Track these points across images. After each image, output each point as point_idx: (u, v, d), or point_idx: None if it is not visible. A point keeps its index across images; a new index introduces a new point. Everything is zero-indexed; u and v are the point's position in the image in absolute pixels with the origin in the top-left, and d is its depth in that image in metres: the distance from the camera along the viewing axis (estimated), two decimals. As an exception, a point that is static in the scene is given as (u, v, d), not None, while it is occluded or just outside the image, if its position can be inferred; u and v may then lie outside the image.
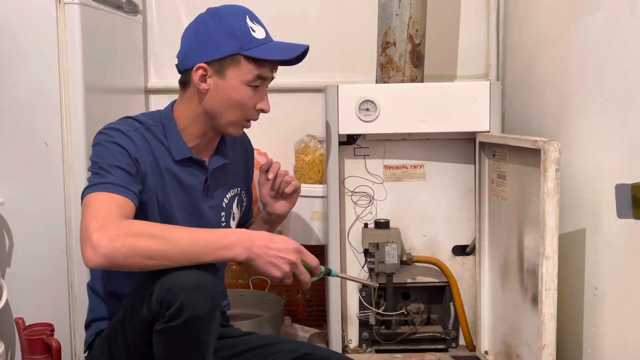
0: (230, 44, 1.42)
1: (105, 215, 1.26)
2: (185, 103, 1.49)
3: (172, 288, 1.23)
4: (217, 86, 1.44)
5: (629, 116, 1.38)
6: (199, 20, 1.47)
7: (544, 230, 1.48)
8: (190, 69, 1.44)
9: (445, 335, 1.94)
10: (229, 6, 1.47)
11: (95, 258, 1.21)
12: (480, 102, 1.83)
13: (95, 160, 1.38)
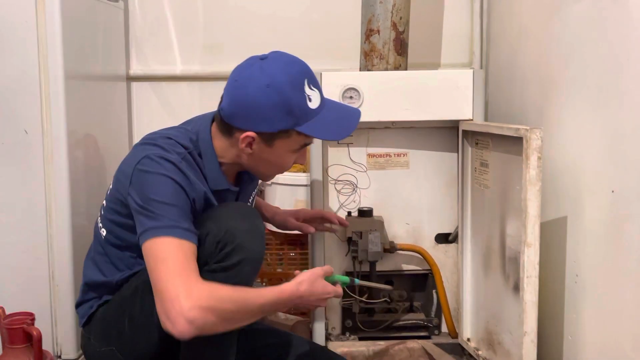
0: (285, 121, 1.38)
1: (187, 275, 1.23)
2: (225, 147, 1.44)
3: (231, 230, 1.33)
4: (262, 152, 1.42)
5: (611, 105, 1.39)
6: (254, 84, 1.35)
7: (526, 218, 1.48)
8: (236, 127, 1.39)
9: (427, 323, 1.95)
10: (290, 72, 1.38)
11: (189, 331, 1.19)
12: (464, 91, 1.83)
13: (153, 197, 1.30)
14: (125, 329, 1.43)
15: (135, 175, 1.34)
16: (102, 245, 1.48)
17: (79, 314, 1.54)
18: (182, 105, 2.36)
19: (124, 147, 2.26)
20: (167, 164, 1.34)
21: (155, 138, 1.41)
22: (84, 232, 1.83)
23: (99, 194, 2.00)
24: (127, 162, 1.40)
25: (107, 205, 1.46)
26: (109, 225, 1.46)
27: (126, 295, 1.44)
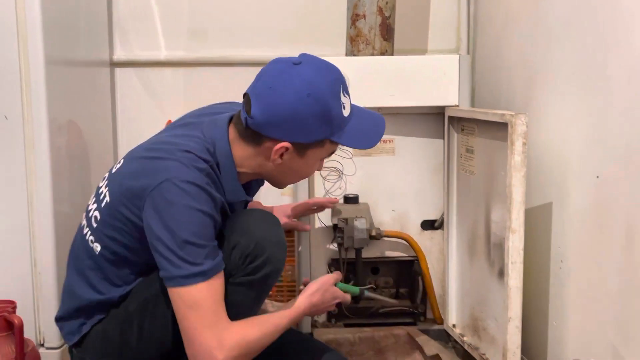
0: (323, 130, 1.32)
1: (217, 323, 1.24)
2: (247, 156, 1.36)
3: (260, 242, 1.32)
4: (292, 161, 1.35)
5: (597, 90, 1.38)
6: (294, 93, 1.27)
7: (511, 204, 1.48)
8: (266, 137, 1.31)
9: (413, 309, 1.95)
10: (328, 79, 1.31)
11: None
12: (450, 76, 1.83)
13: (181, 237, 1.23)
14: (134, 343, 1.38)
15: (156, 201, 1.25)
16: (95, 261, 1.38)
17: (64, 329, 1.44)
18: (166, 92, 2.33)
19: (108, 133, 2.24)
20: (193, 189, 1.25)
21: (172, 151, 1.30)
22: (66, 220, 1.81)
23: (82, 181, 1.98)
24: (139, 179, 1.29)
25: (104, 219, 1.35)
26: (106, 242, 1.36)
27: (133, 310, 1.38)
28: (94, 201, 1.41)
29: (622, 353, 1.28)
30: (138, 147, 1.41)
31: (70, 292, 1.43)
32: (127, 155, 1.40)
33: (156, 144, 1.36)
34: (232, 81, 2.29)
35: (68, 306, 1.43)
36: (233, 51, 2.30)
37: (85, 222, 1.42)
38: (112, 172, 1.40)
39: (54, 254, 1.77)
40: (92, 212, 1.39)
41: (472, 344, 1.74)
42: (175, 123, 1.47)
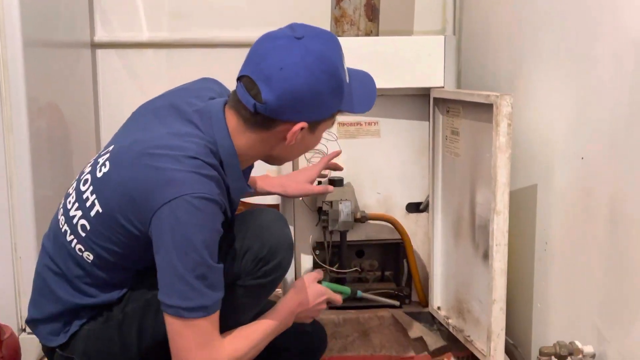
0: (337, 103, 1.28)
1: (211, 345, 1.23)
2: (254, 143, 1.29)
3: (273, 247, 1.33)
4: (304, 139, 1.30)
5: (582, 71, 1.37)
6: (310, 72, 1.21)
7: (495, 186, 1.47)
8: (281, 121, 1.25)
9: (398, 292, 1.95)
10: (335, 49, 1.26)
11: None
12: (435, 57, 1.81)
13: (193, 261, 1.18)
14: (133, 343, 1.34)
15: (167, 220, 1.17)
16: (86, 269, 1.31)
17: (43, 331, 1.38)
18: (148, 73, 2.30)
19: (90, 116, 2.21)
20: (206, 205, 1.19)
21: (178, 158, 1.21)
22: (47, 204, 1.78)
23: (63, 164, 1.96)
24: (143, 192, 1.20)
25: (96, 229, 1.27)
26: (99, 251, 1.29)
27: (132, 311, 1.34)
28: (77, 207, 1.31)
29: (605, 334, 1.28)
30: (124, 148, 1.28)
31: (50, 293, 1.35)
32: (112, 158, 1.29)
33: (153, 148, 1.23)
34: (216, 62, 2.27)
35: (47, 308, 1.36)
36: (216, 32, 2.27)
37: (68, 229, 1.32)
38: (96, 175, 1.29)
39: (35, 238, 1.75)
40: (77, 220, 1.30)
41: (456, 326, 1.74)
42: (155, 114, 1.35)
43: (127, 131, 1.36)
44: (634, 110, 1.18)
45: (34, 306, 1.39)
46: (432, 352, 1.79)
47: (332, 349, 1.79)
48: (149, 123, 1.32)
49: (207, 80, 1.47)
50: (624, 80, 1.21)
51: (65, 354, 1.37)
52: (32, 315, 1.39)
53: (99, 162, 1.31)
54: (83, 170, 1.36)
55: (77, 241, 1.30)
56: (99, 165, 1.30)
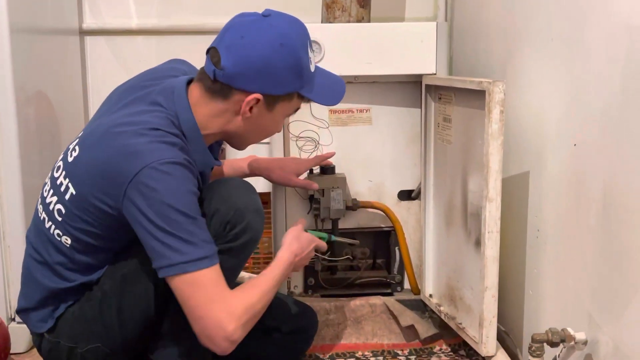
0: (294, 82, 1.33)
1: (223, 296, 1.24)
2: (213, 114, 1.33)
3: (240, 210, 1.32)
4: (260, 116, 1.34)
5: (575, 57, 1.36)
6: (267, 42, 1.27)
7: (488, 173, 1.47)
8: (237, 89, 1.30)
9: (390, 280, 1.95)
10: (298, 31, 1.33)
11: (232, 348, 1.26)
12: (427, 44, 1.80)
13: (174, 220, 1.19)
14: (114, 321, 1.36)
15: (139, 191, 1.20)
16: (65, 254, 1.35)
17: (32, 319, 1.41)
18: (138, 61, 2.27)
19: (79, 103, 2.18)
20: (174, 169, 1.21)
21: (138, 131, 1.24)
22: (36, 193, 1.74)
23: (52, 152, 1.93)
24: (110, 168, 1.23)
25: (71, 212, 1.30)
26: (76, 234, 1.32)
27: (109, 289, 1.36)
28: (52, 193, 1.35)
29: (597, 321, 1.28)
30: (90, 131, 1.33)
31: (34, 282, 1.38)
32: (81, 142, 1.33)
33: (116, 126, 1.27)
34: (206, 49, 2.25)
35: (35, 296, 1.39)
36: (207, 19, 2.25)
37: (46, 216, 1.36)
38: (67, 160, 1.33)
39: (23, 227, 1.72)
40: (53, 205, 1.34)
41: (448, 314, 1.74)
42: (119, 97, 1.38)
43: (95, 118, 1.41)
44: (627, 97, 1.17)
45: (23, 296, 1.43)
46: (424, 340, 1.79)
47: (324, 337, 1.79)
48: (113, 106, 1.36)
49: (175, 61, 1.52)
50: (617, 67, 1.20)
51: (52, 338, 1.40)
52: (21, 305, 1.43)
53: (70, 148, 1.36)
54: (57, 159, 1.40)
55: (55, 226, 1.34)
56: (70, 151, 1.34)
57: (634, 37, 1.14)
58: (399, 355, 1.75)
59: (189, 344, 1.38)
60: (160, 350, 1.41)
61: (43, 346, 1.42)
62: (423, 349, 1.78)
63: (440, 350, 1.77)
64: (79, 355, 1.39)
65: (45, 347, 1.42)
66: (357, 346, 1.79)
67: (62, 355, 1.40)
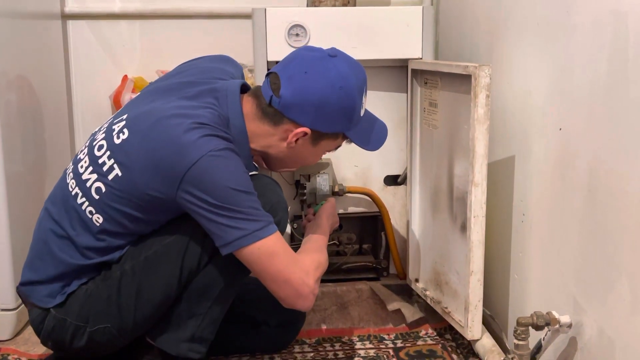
0: (343, 124, 1.39)
1: (296, 258, 1.36)
2: (261, 133, 1.40)
3: (274, 206, 1.40)
4: (304, 148, 1.41)
5: (560, 42, 1.36)
6: (328, 82, 1.34)
7: (473, 158, 1.47)
8: (288, 119, 1.36)
9: (376, 265, 1.95)
10: (358, 76, 1.38)
11: (313, 302, 1.39)
12: (413, 28, 1.79)
13: (245, 196, 1.28)
14: (130, 302, 1.38)
15: (200, 177, 1.26)
16: (92, 232, 1.36)
17: (41, 292, 1.41)
18: (122, 45, 2.24)
19: (62, 89, 2.15)
20: (229, 153, 1.29)
21: (194, 124, 1.29)
22: (19, 179, 1.75)
23: (35, 138, 1.91)
24: (166, 157, 1.28)
25: (113, 193, 1.33)
26: (112, 213, 1.35)
27: (130, 269, 1.38)
28: (92, 170, 1.36)
29: (582, 304, 1.29)
30: (140, 115, 1.36)
31: (51, 255, 1.40)
32: (130, 125, 1.35)
33: (170, 117, 1.31)
34: (191, 34, 2.23)
35: (48, 270, 1.40)
36: (191, 3, 2.22)
37: (80, 191, 1.37)
38: (113, 141, 1.35)
39: (7, 214, 1.70)
40: (91, 183, 1.36)
41: (434, 298, 1.74)
42: (169, 87, 1.42)
43: (142, 100, 1.43)
44: (613, 80, 1.17)
45: (31, 269, 1.44)
46: (410, 324, 1.79)
47: (310, 322, 1.79)
48: (166, 94, 1.40)
49: (223, 61, 1.57)
50: (603, 50, 1.20)
51: (59, 314, 1.40)
52: (28, 278, 1.44)
53: (114, 129, 1.37)
54: (94, 137, 1.42)
55: (89, 203, 1.36)
56: (115, 132, 1.36)
57: (620, 21, 1.14)
58: (385, 340, 1.76)
59: (192, 330, 1.42)
60: (164, 336, 1.43)
61: (47, 322, 1.42)
62: (409, 333, 1.78)
63: (426, 334, 1.78)
64: (86, 334, 1.40)
65: (49, 323, 1.42)
66: (343, 331, 1.79)
67: (66, 333, 1.41)
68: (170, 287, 1.39)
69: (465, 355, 1.66)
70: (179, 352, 1.43)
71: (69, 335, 1.41)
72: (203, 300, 1.40)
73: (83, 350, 1.43)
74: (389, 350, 1.70)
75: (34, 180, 1.87)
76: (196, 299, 1.40)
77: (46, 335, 1.44)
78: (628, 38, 1.12)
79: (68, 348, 1.43)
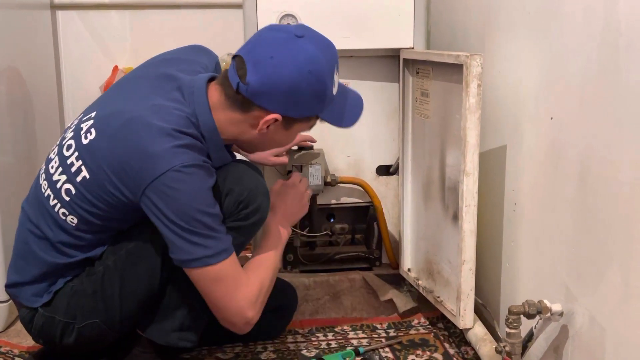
0: (315, 107, 1.35)
1: (241, 285, 1.34)
2: (231, 122, 1.35)
3: (252, 191, 1.38)
4: (276, 133, 1.37)
5: (552, 30, 1.35)
6: (296, 67, 1.28)
7: (465, 147, 1.46)
8: (258, 106, 1.31)
9: (369, 255, 1.95)
10: (327, 57, 1.32)
11: (249, 328, 1.39)
12: (405, 17, 1.78)
13: (196, 218, 1.26)
14: (115, 296, 1.38)
15: (162, 191, 1.25)
16: (69, 232, 1.36)
17: (26, 293, 1.41)
18: (112, 36, 2.23)
19: (52, 80, 2.14)
20: (195, 170, 1.26)
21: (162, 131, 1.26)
22: (10, 170, 1.74)
23: (25, 129, 1.90)
24: (133, 164, 1.26)
25: (82, 194, 1.32)
26: (84, 215, 1.34)
27: (112, 263, 1.38)
28: (61, 172, 1.35)
29: (574, 292, 1.29)
30: (109, 116, 1.32)
31: (33, 256, 1.39)
32: (97, 125, 1.32)
33: (138, 119, 1.27)
34: (182, 24, 2.22)
35: (31, 270, 1.40)
36: (181, -7, 2.22)
37: (52, 193, 1.36)
38: (81, 142, 1.33)
39: (-4, 204, 1.70)
40: (61, 184, 1.34)
41: (426, 287, 1.75)
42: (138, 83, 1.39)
43: (110, 98, 1.41)
44: (604, 68, 1.17)
45: (15, 271, 1.43)
46: (403, 314, 1.80)
47: (303, 312, 1.79)
48: (134, 93, 1.36)
49: (196, 51, 1.53)
50: (594, 38, 1.19)
51: (47, 312, 1.40)
52: (13, 279, 1.43)
53: (82, 127, 1.34)
54: (64, 135, 1.39)
55: (61, 205, 1.35)
56: (83, 132, 1.33)
57: (611, 9, 1.14)
58: (377, 329, 1.76)
59: (182, 319, 1.43)
60: (153, 326, 1.44)
61: (36, 321, 1.42)
62: (402, 322, 1.79)
63: (418, 323, 1.78)
64: (75, 330, 1.40)
65: (38, 321, 1.42)
66: (336, 321, 1.79)
67: (55, 330, 1.41)
68: (154, 278, 1.39)
69: (457, 344, 1.67)
70: (168, 342, 1.44)
71: (59, 332, 1.41)
72: (191, 289, 1.39)
73: (74, 346, 1.43)
74: (381, 339, 1.70)
75: (25, 171, 1.85)
76: (184, 288, 1.40)
77: (36, 333, 1.45)
78: (619, 26, 1.12)
79: (59, 344, 1.43)
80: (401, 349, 1.65)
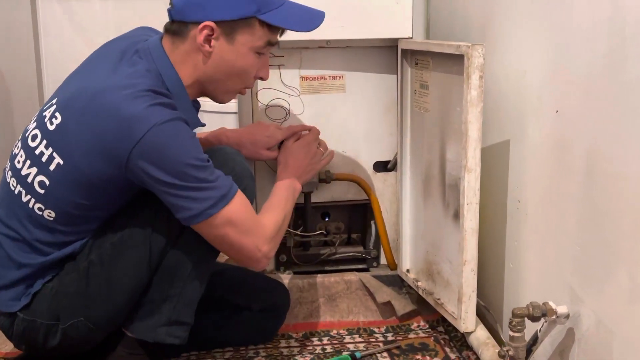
0: (247, 5, 1.30)
1: (254, 223, 1.36)
2: (183, 59, 1.34)
3: (238, 174, 1.38)
4: (223, 51, 1.33)
5: (557, 20, 1.31)
6: None
7: (466, 142, 1.43)
8: (190, 23, 1.30)
9: (366, 255, 1.92)
10: None
11: (268, 263, 1.43)
12: (403, 6, 1.75)
13: (192, 164, 1.25)
14: (102, 292, 1.35)
15: (149, 152, 1.22)
16: (46, 228, 1.32)
17: (3, 298, 1.37)
18: (95, 25, 2.19)
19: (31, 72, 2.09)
20: (177, 124, 1.25)
21: (135, 94, 1.23)
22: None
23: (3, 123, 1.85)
24: (110, 132, 1.22)
25: (57, 183, 1.28)
26: (62, 206, 1.30)
27: (96, 258, 1.34)
28: (30, 164, 1.30)
29: (579, 294, 1.26)
30: (71, 96, 1.29)
31: (7, 260, 1.35)
32: (61, 108, 1.28)
33: (105, 90, 1.24)
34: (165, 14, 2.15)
35: (7, 275, 1.36)
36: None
37: (23, 189, 1.32)
38: (47, 128, 1.28)
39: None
40: (32, 177, 1.30)
41: (426, 289, 1.70)
42: (97, 61, 1.37)
43: (70, 83, 1.37)
44: (611, 60, 1.13)
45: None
46: (401, 317, 1.77)
47: (297, 316, 1.76)
48: (93, 71, 1.33)
49: (143, 29, 1.50)
50: (601, 28, 1.15)
51: (27, 316, 1.36)
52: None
53: (46, 115, 1.30)
54: (27, 128, 1.35)
55: (36, 200, 1.32)
56: (47, 119, 1.29)
57: None
58: (375, 333, 1.72)
59: (168, 314, 1.38)
60: (139, 323, 1.39)
61: (16, 326, 1.38)
62: (400, 326, 1.76)
63: (418, 327, 1.75)
64: (60, 331, 1.36)
65: (18, 327, 1.38)
66: (331, 324, 1.76)
67: (38, 334, 1.36)
68: (141, 270, 1.35)
69: (458, 348, 1.64)
70: (156, 338, 1.40)
71: (42, 335, 1.37)
72: (175, 281, 1.37)
73: (59, 348, 1.39)
74: (379, 344, 1.66)
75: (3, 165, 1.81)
76: (168, 280, 1.37)
77: (18, 339, 1.41)
78: (626, 15, 1.07)
79: (42, 349, 1.39)
80: (400, 353, 1.62)
